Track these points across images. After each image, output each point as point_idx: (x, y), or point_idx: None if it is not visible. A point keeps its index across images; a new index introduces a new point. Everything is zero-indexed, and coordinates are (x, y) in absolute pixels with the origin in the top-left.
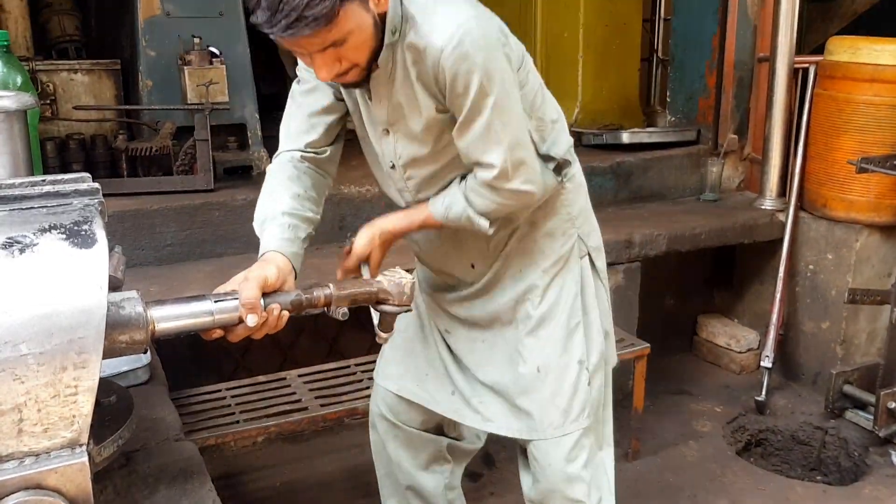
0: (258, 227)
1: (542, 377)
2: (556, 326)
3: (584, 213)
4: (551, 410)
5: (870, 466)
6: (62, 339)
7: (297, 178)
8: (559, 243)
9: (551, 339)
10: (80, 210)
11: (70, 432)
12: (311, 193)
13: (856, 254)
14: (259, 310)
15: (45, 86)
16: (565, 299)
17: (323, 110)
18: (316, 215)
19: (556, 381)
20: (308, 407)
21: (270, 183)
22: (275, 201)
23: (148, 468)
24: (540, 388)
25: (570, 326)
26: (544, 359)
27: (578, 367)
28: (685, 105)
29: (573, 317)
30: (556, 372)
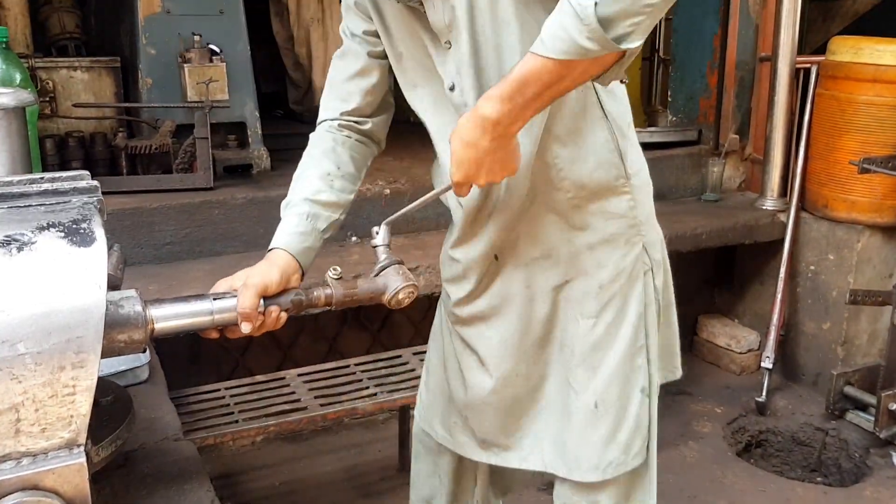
0: (282, 210)
1: (602, 413)
2: (616, 355)
3: (650, 219)
4: (612, 448)
5: (871, 468)
6: (60, 339)
7: (332, 152)
8: (620, 253)
9: (610, 369)
10: (78, 208)
11: (68, 432)
12: (346, 169)
13: (857, 254)
14: (255, 320)
15: (45, 83)
16: (628, 322)
17: (358, 73)
18: (348, 195)
19: (618, 417)
20: (307, 407)
21: (305, 157)
22: (301, 182)
23: (146, 468)
24: (598, 424)
25: (632, 352)
26: (602, 393)
27: (641, 397)
28: (686, 105)
29: (636, 341)
30: (616, 407)
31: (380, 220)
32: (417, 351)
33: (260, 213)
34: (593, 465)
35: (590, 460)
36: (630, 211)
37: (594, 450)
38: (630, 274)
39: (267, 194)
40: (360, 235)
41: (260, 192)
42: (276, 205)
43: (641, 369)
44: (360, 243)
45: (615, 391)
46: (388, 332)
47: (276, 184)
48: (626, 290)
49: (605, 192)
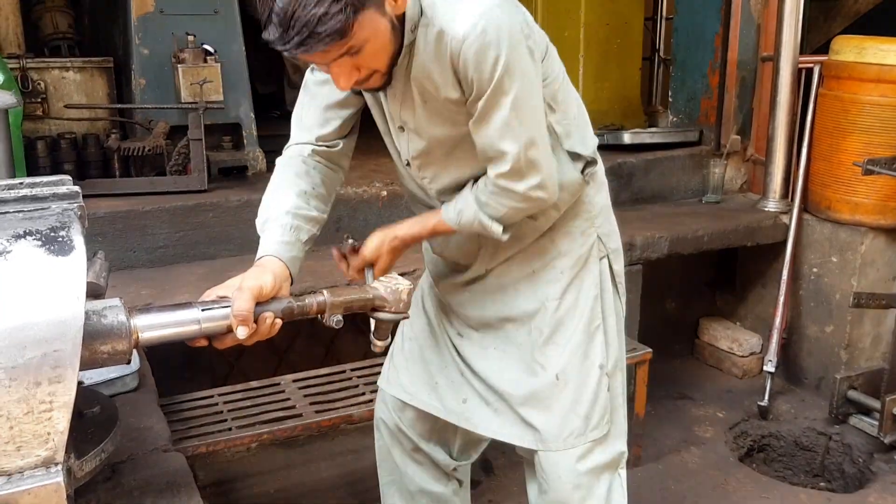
0: (259, 226)
1: (562, 385)
2: (576, 331)
3: (604, 212)
4: (572, 419)
5: (875, 473)
6: (36, 353)
7: (305, 175)
8: (578, 243)
9: (570, 344)
10: (57, 215)
11: (45, 450)
12: (319, 191)
13: (861, 257)
14: (251, 322)
15: (37, 84)
16: (584, 302)
17: (338, 104)
18: (322, 214)
19: (576, 389)
20: (302, 413)
21: (277, 178)
22: (279, 199)
23: (134, 481)
24: (559, 396)
25: (591, 330)
26: (563, 365)
27: (599, 373)
28: (687, 105)
29: (593, 320)
30: (576, 379)
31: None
32: None
33: (254, 215)
34: (554, 434)
35: (551, 430)
36: (585, 207)
37: (556, 420)
38: (587, 259)
39: (262, 196)
40: (357, 238)
41: (255, 195)
42: None
43: (599, 346)
44: (358, 244)
45: (575, 365)
46: None
47: None
48: (582, 274)
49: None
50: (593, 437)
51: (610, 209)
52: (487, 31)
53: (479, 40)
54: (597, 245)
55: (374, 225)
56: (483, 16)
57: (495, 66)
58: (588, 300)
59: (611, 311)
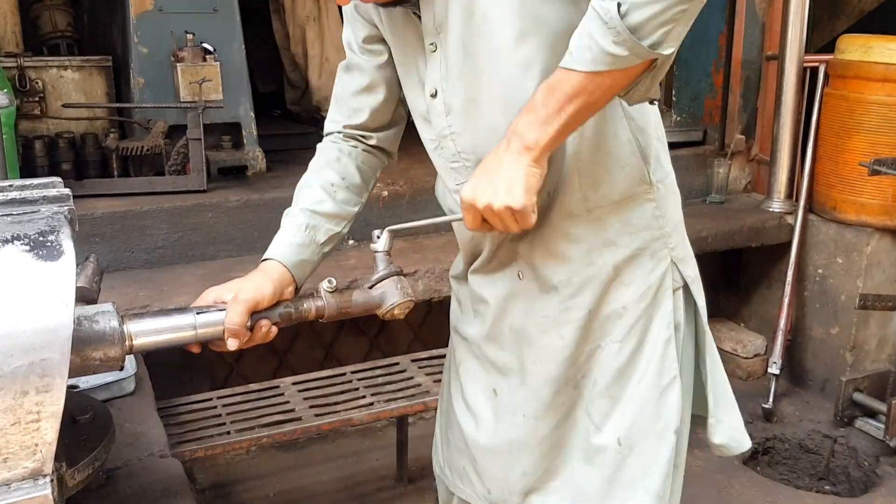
0: (283, 220)
1: (626, 452)
2: (643, 384)
3: (679, 229)
4: (640, 495)
5: (881, 477)
6: (23, 361)
7: (336, 162)
8: (647, 269)
9: (635, 400)
10: (46, 219)
11: (32, 462)
12: (352, 181)
13: (866, 258)
14: (242, 336)
15: (34, 83)
16: (653, 346)
17: (364, 89)
18: (353, 208)
19: (645, 459)
20: (301, 417)
21: (310, 166)
22: (303, 193)
23: (129, 488)
24: (622, 466)
25: (663, 384)
26: (627, 428)
27: (674, 439)
28: (691, 104)
29: (666, 371)
30: (645, 446)
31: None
32: (416, 358)
33: (254, 215)
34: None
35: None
36: (655, 221)
37: (620, 493)
38: (656, 292)
39: (262, 196)
40: (358, 239)
41: (254, 195)
42: (271, 207)
43: (673, 406)
44: (358, 247)
45: (641, 429)
46: (387, 338)
47: (272, 186)
48: (650, 311)
49: (626, 200)
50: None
51: (684, 227)
52: None
53: None
54: (670, 272)
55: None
56: None
57: None
58: (658, 345)
59: (689, 359)
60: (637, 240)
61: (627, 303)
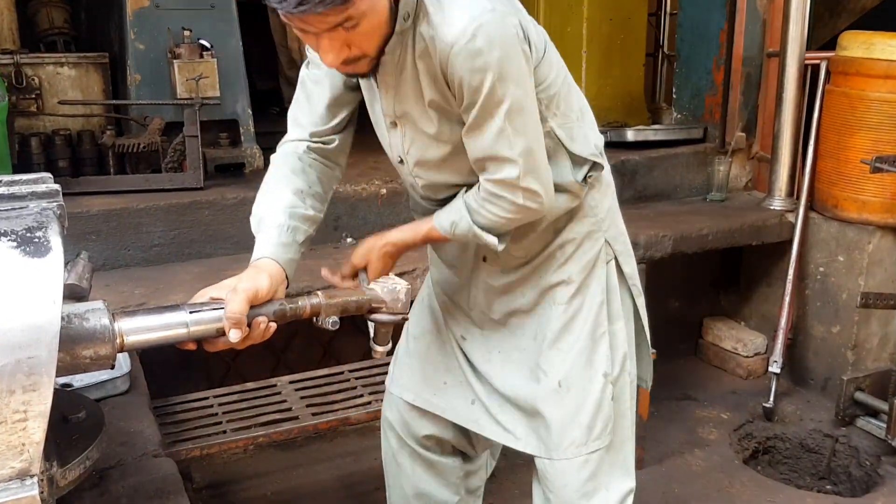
0: (255, 225)
1: (564, 392)
2: (580, 337)
3: (611, 214)
4: (573, 428)
5: (882, 477)
6: (9, 359)
7: (301, 172)
8: (584, 248)
9: (574, 350)
10: (35, 215)
11: (19, 462)
12: (315, 189)
13: (868, 256)
14: (244, 325)
15: (31, 80)
16: (589, 307)
17: (333, 100)
18: (319, 213)
19: (579, 396)
20: (299, 416)
21: (272, 175)
22: (275, 198)
23: (122, 488)
24: (561, 403)
25: (596, 336)
26: (566, 372)
27: (603, 381)
28: (691, 102)
29: (598, 326)
30: (579, 386)
31: (376, 220)
32: None
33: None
34: (555, 443)
35: (552, 439)
36: (591, 210)
37: (557, 427)
38: (594, 264)
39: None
40: (356, 237)
41: (252, 192)
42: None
43: (603, 353)
44: (355, 244)
45: (577, 372)
46: None
47: None
48: (588, 279)
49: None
50: (595, 447)
51: (617, 211)
52: (477, 38)
53: (467, 47)
54: (604, 249)
55: (373, 223)
56: (474, 20)
57: (485, 74)
58: (594, 306)
59: (618, 316)
60: (579, 226)
61: (572, 273)
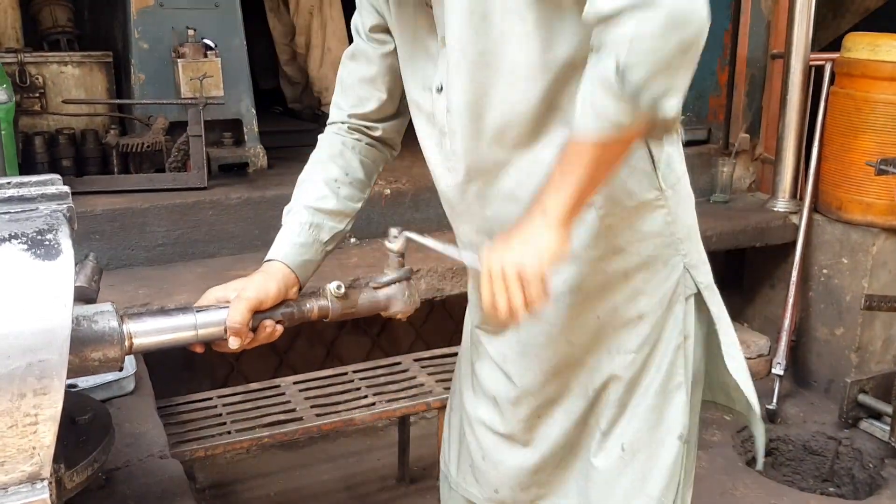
0: (285, 214)
1: (628, 458)
2: (649, 391)
3: (692, 235)
4: (641, 500)
5: (886, 479)
6: (20, 363)
7: (339, 156)
8: (660, 277)
9: (642, 407)
10: (45, 217)
11: (29, 466)
12: (355, 175)
13: (872, 258)
14: (244, 335)
15: (35, 79)
16: (663, 355)
17: (370, 78)
18: (355, 204)
19: (647, 463)
20: (303, 417)
21: (311, 160)
22: (306, 189)
23: (128, 489)
24: (625, 472)
25: (669, 390)
26: (632, 434)
27: (678, 445)
28: (695, 103)
29: (673, 377)
30: (647, 451)
31: (379, 220)
32: (418, 357)
33: (255, 213)
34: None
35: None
36: (667, 227)
37: (619, 499)
38: (670, 300)
39: (263, 194)
40: (360, 237)
41: (255, 192)
42: (272, 205)
43: (678, 410)
44: (360, 245)
45: (645, 435)
46: (388, 337)
47: (273, 183)
48: (663, 318)
49: (637, 206)
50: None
51: (698, 232)
52: None
53: None
54: (683, 279)
55: (376, 223)
56: None
57: None
58: (668, 353)
59: (699, 367)
60: (648, 247)
61: (644, 311)
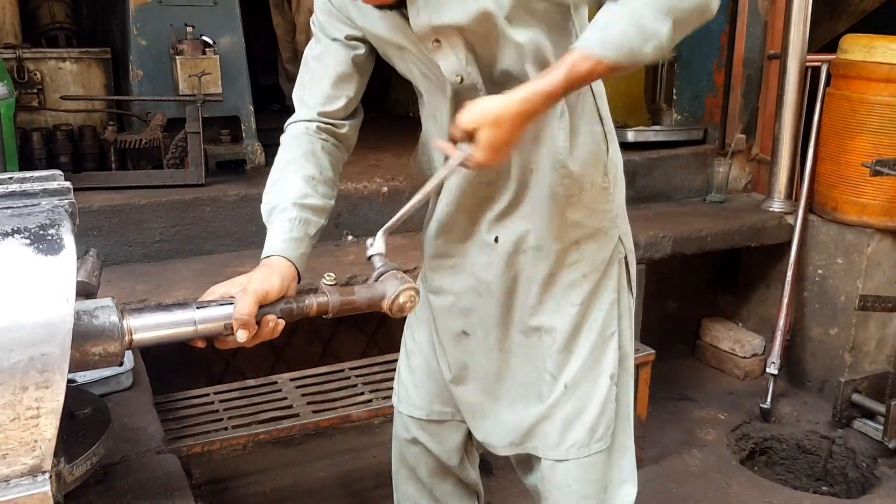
0: (266, 214)
1: (569, 393)
2: (590, 338)
3: (622, 209)
4: (577, 428)
5: (878, 479)
6: (23, 356)
7: (311, 155)
8: (601, 245)
9: (583, 352)
10: (47, 212)
11: (31, 458)
12: (327, 174)
13: (867, 259)
14: (252, 326)
15: (33, 74)
16: (601, 308)
17: (338, 77)
18: (330, 201)
19: (583, 397)
20: (300, 413)
21: (283, 158)
22: (285, 186)
23: (126, 484)
24: (565, 404)
25: (605, 337)
26: (573, 374)
27: (609, 383)
28: (692, 103)
29: (608, 326)
30: (584, 387)
31: (377, 218)
32: None
33: (253, 210)
34: (555, 442)
35: (553, 438)
36: (609, 205)
37: (557, 428)
38: (607, 263)
39: (260, 191)
40: (357, 234)
41: (253, 189)
42: None
43: (611, 354)
44: (357, 242)
45: (584, 374)
46: (385, 334)
47: None
48: (601, 279)
49: (592, 187)
50: (597, 448)
51: (625, 207)
52: None
53: None
54: (618, 246)
55: (374, 221)
56: None
57: None
58: (605, 306)
59: (626, 314)
60: (595, 221)
61: (587, 272)
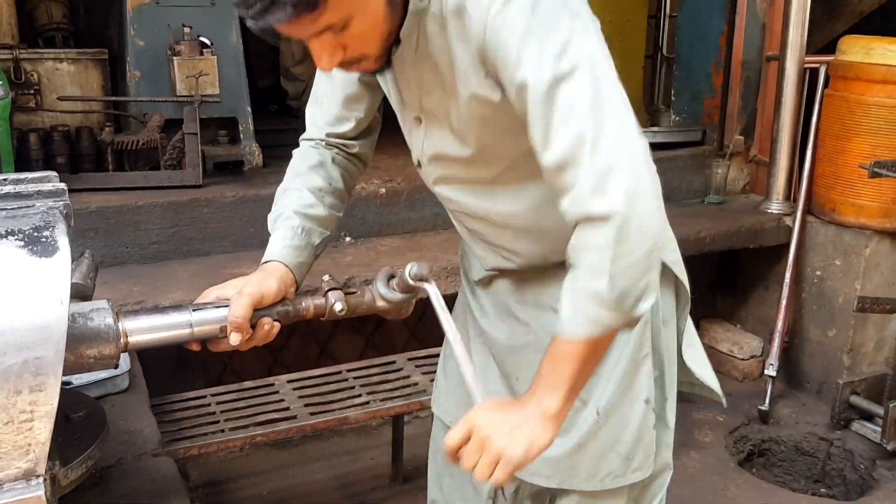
0: (271, 222)
1: (602, 421)
2: (621, 361)
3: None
4: (611, 458)
5: (877, 481)
6: (17, 359)
7: (320, 167)
8: None
9: (614, 375)
10: (42, 214)
11: (25, 462)
12: (336, 186)
13: (865, 260)
14: (246, 330)
15: (30, 75)
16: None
17: (349, 98)
18: (338, 213)
19: (618, 425)
20: (297, 415)
21: (292, 171)
22: (292, 197)
23: (122, 487)
24: (597, 434)
25: (638, 359)
26: (606, 399)
27: (645, 408)
28: (690, 104)
29: (641, 348)
30: (618, 414)
31: (375, 220)
32: (412, 356)
33: (250, 212)
34: (590, 473)
35: (587, 469)
36: None
37: (591, 459)
38: None
39: (258, 192)
40: (355, 236)
41: (251, 191)
42: (267, 203)
43: (645, 377)
44: (355, 244)
45: (616, 399)
46: (382, 336)
47: (268, 182)
48: None
49: None
50: (634, 479)
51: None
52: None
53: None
54: None
55: (372, 222)
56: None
57: None
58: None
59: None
60: None
61: None
